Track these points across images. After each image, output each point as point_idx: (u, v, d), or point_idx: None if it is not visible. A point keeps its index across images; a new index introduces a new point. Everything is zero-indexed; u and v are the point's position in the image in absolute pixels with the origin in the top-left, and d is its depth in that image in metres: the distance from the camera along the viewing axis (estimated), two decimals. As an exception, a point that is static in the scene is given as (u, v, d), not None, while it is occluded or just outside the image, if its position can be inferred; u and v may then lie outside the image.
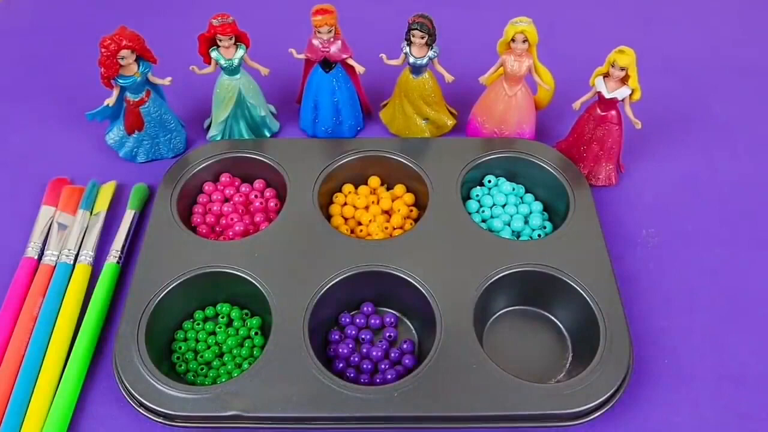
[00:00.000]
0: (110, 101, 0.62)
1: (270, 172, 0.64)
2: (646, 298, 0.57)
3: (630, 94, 0.59)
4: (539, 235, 0.61)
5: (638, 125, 0.61)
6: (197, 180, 0.64)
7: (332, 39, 0.62)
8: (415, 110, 0.67)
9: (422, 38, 0.60)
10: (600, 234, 0.58)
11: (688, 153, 0.70)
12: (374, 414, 0.48)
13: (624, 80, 0.59)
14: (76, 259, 0.59)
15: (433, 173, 0.62)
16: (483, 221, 0.62)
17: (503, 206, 0.63)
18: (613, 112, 0.61)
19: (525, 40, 0.60)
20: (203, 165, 0.63)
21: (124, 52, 0.59)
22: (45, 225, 0.61)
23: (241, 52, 0.63)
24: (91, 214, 0.62)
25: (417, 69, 0.64)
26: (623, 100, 0.60)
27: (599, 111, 0.62)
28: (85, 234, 0.61)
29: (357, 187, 0.64)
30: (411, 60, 0.63)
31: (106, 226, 0.62)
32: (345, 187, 0.64)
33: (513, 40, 0.60)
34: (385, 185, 0.65)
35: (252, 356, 0.54)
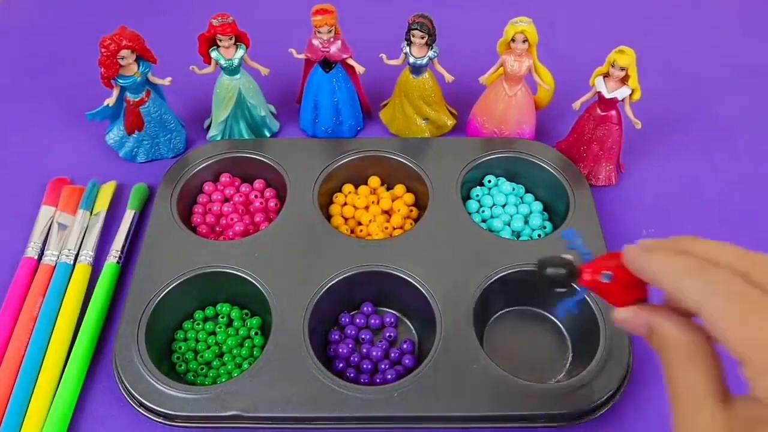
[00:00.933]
0: (110, 101, 0.62)
1: (270, 172, 0.64)
2: (646, 298, 0.57)
3: (630, 94, 0.59)
4: (539, 235, 0.61)
5: (638, 125, 0.61)
6: (197, 180, 0.63)
7: (332, 39, 0.62)
8: (415, 110, 0.67)
9: (422, 38, 0.60)
10: (600, 234, 0.57)
11: (688, 153, 0.69)
12: (374, 414, 0.48)
13: (624, 80, 0.59)
14: (76, 259, 0.59)
15: (433, 173, 0.62)
16: (483, 221, 0.62)
17: (503, 206, 0.63)
18: (613, 112, 0.61)
19: (525, 40, 0.60)
20: (203, 165, 0.63)
21: (124, 52, 0.59)
22: (45, 225, 0.61)
23: (241, 52, 0.63)
24: (91, 214, 0.62)
25: (417, 69, 0.64)
26: (623, 100, 0.60)
27: (599, 111, 0.62)
28: (85, 234, 0.60)
29: (357, 187, 0.64)
30: (411, 60, 0.63)
31: (106, 226, 0.62)
32: (345, 187, 0.64)
33: (513, 40, 0.60)
34: (385, 185, 0.65)
35: (252, 356, 0.54)
